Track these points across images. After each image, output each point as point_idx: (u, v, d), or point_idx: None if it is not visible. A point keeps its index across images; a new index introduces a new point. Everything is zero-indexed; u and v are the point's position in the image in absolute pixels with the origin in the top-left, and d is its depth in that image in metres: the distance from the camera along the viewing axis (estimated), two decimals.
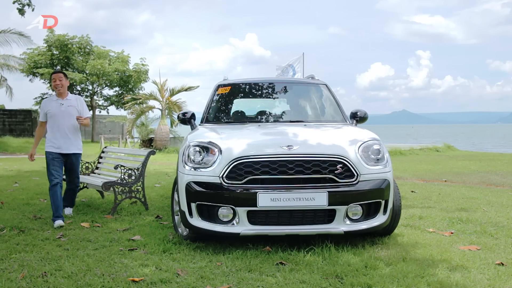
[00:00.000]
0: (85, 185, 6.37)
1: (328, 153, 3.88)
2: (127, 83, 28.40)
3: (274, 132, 4.60)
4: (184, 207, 3.98)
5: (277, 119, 5.44)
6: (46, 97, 4.97)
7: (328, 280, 3.20)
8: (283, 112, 5.71)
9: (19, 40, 24.46)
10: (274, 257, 3.70)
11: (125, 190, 5.69)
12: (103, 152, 6.96)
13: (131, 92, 27.33)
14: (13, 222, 4.99)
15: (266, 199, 3.72)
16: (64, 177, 5.50)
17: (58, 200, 5.05)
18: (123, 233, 4.59)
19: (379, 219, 3.97)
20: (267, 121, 5.34)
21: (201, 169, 3.93)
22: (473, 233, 4.56)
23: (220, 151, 3.94)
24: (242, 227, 3.82)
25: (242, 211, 3.79)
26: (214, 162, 3.91)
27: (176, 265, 3.53)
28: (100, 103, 30.79)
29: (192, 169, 3.97)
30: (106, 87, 29.62)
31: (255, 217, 3.82)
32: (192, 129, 5.22)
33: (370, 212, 3.95)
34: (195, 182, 3.90)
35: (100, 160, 6.84)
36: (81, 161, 6.73)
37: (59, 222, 4.92)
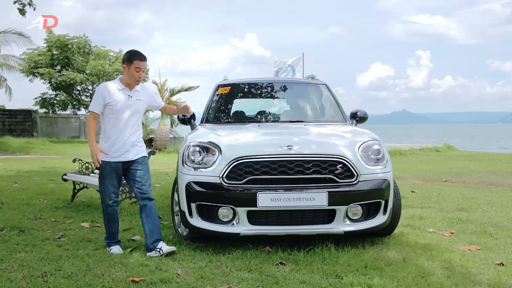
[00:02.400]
0: (85, 185, 6.37)
1: (328, 153, 3.88)
2: None
3: (274, 132, 4.60)
4: (184, 207, 3.98)
5: (277, 119, 5.45)
6: (105, 82, 3.87)
7: (328, 280, 3.20)
8: (283, 112, 5.71)
9: (19, 40, 24.43)
10: (274, 257, 3.70)
11: (125, 190, 5.68)
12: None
13: None
14: (13, 222, 4.98)
15: (266, 199, 3.72)
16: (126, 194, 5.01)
17: (116, 224, 4.05)
18: (123, 233, 4.58)
19: (379, 219, 3.97)
20: (267, 121, 5.34)
21: (201, 169, 3.93)
22: (473, 233, 4.56)
23: (220, 151, 3.94)
24: (242, 227, 3.82)
25: (242, 211, 3.79)
26: (214, 162, 3.90)
27: (176, 265, 3.53)
28: None
29: (192, 169, 3.97)
30: None
31: (255, 217, 3.82)
32: (192, 129, 5.21)
33: (370, 212, 3.95)
34: (195, 182, 3.89)
35: None
36: (81, 161, 6.73)
37: (116, 249, 3.95)
